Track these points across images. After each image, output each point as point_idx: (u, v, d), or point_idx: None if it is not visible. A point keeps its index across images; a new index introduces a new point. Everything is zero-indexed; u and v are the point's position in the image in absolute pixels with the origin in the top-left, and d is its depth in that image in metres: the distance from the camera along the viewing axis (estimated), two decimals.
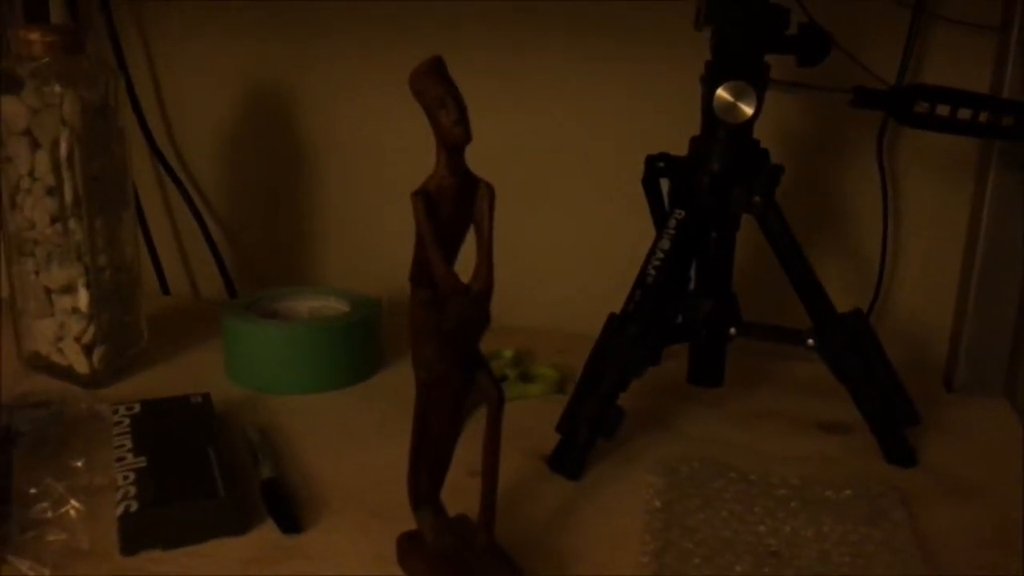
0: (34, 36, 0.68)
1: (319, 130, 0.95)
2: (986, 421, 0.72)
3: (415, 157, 0.92)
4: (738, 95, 0.60)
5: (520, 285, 0.92)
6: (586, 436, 0.61)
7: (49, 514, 0.55)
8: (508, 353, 0.79)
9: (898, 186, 0.81)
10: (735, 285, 0.67)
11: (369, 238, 0.96)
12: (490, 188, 0.44)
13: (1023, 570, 0.52)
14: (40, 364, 0.76)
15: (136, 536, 0.52)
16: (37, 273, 0.74)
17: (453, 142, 0.42)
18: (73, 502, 0.56)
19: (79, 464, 0.59)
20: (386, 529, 0.52)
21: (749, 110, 0.60)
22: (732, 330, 0.66)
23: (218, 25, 0.95)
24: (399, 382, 0.77)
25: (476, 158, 0.44)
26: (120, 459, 0.58)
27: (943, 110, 0.59)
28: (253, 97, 0.96)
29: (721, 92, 0.60)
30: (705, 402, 0.72)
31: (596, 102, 0.86)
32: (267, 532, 0.55)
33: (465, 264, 0.45)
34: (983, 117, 0.58)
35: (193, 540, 0.53)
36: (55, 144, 0.69)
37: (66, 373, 0.75)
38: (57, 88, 0.68)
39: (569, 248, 0.91)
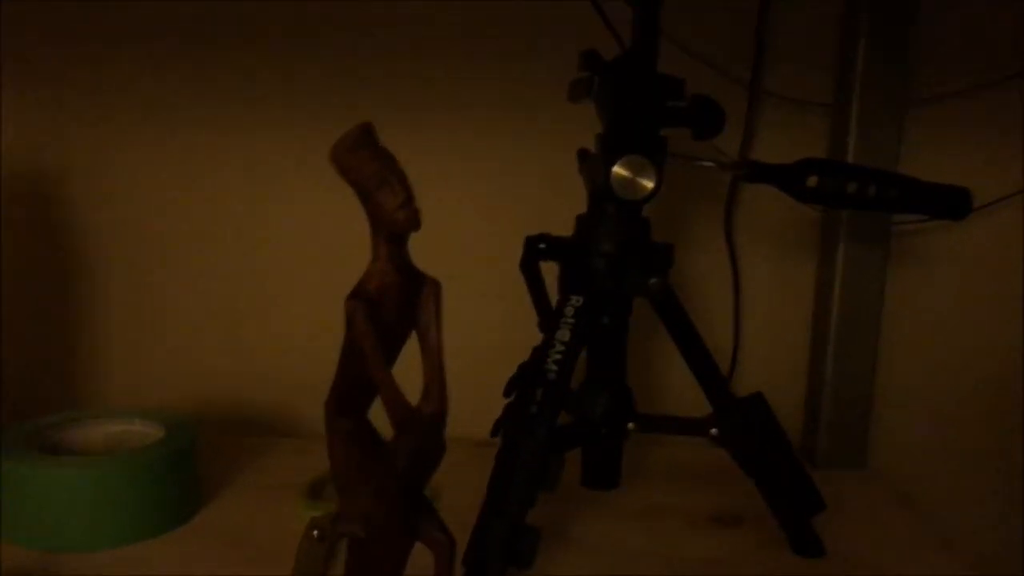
0: None
1: (93, 224, 0.80)
2: (863, 495, 0.71)
3: (214, 244, 0.81)
4: (637, 170, 0.55)
5: None
6: (499, 566, 0.52)
7: None
8: None
9: (743, 260, 0.81)
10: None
11: (162, 346, 0.81)
12: (436, 286, 0.36)
13: None
14: None
15: None
16: None
17: (399, 229, 0.33)
18: None
19: None
20: None
21: (649, 184, 0.55)
22: (631, 425, 0.60)
23: None
24: (231, 517, 0.64)
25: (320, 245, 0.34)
26: None
27: (832, 185, 0.58)
28: (12, 188, 0.79)
29: (618, 168, 0.55)
30: (594, 502, 0.66)
31: (461, 187, 0.79)
32: None
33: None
34: (871, 191, 0.58)
35: None
36: None
37: None
38: None
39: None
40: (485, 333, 0.79)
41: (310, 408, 0.82)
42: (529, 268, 0.61)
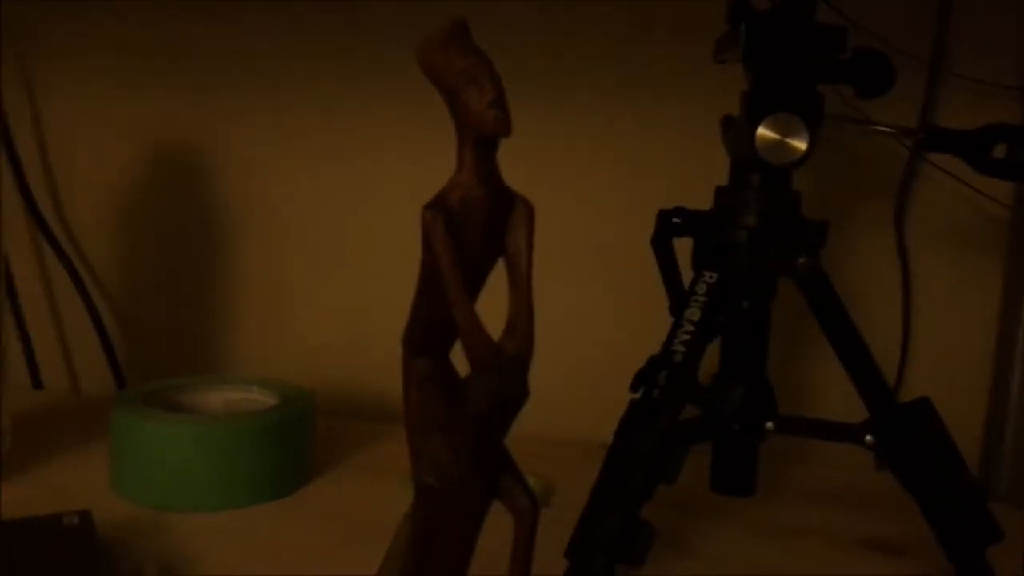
0: None
1: (233, 198, 0.81)
2: None
3: (347, 226, 0.81)
4: (785, 130, 0.49)
5: None
6: (604, 562, 0.46)
7: None
8: None
9: (914, 266, 0.72)
10: None
11: (292, 323, 0.81)
12: (530, 208, 0.31)
13: None
14: None
15: None
16: None
17: (487, 132, 0.29)
18: None
19: None
20: None
21: (801, 146, 0.49)
22: (769, 424, 0.53)
23: (117, 78, 0.81)
24: (335, 495, 0.61)
25: None
26: None
27: None
28: (156, 159, 0.81)
29: (763, 129, 0.49)
30: (726, 514, 0.59)
31: (575, 161, 0.75)
32: None
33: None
34: None
35: None
36: None
37: None
38: None
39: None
40: (611, 324, 0.74)
41: None
42: (661, 245, 0.55)
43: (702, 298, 0.51)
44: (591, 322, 0.76)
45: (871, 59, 0.49)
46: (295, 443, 0.61)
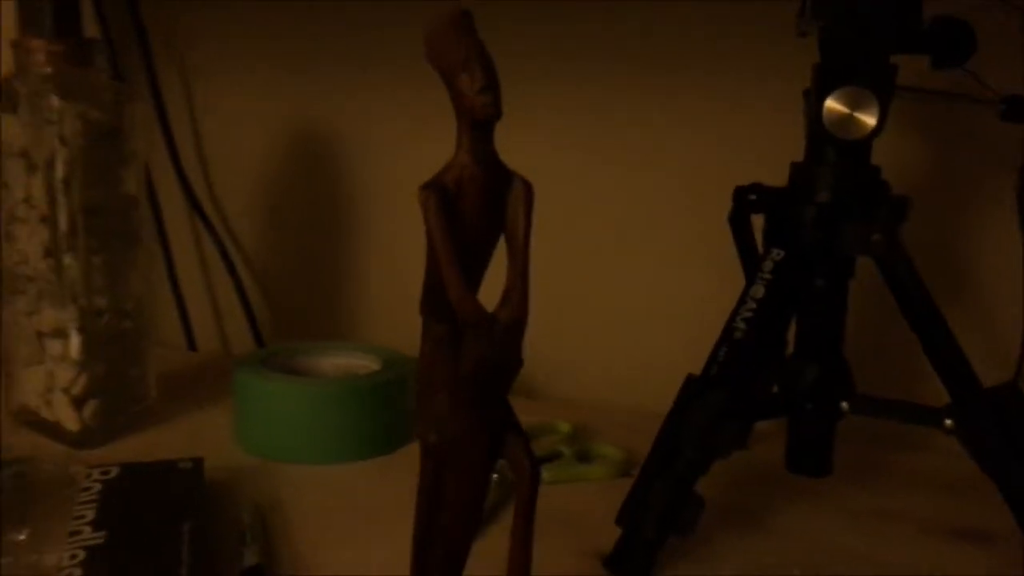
0: (35, 45, 0.61)
1: (367, 178, 0.86)
2: None
3: None
4: (855, 104, 0.48)
5: (577, 352, 0.80)
6: (654, 531, 0.48)
7: None
8: (564, 427, 0.66)
9: None
10: None
11: (412, 295, 0.86)
12: (527, 186, 0.33)
13: None
14: (28, 419, 0.67)
15: None
16: (29, 315, 0.65)
17: (478, 116, 0.31)
18: None
19: (22, 537, 0.48)
20: None
21: (871, 121, 0.48)
22: (844, 404, 0.52)
23: (263, 64, 0.88)
24: None
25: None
26: (74, 533, 0.47)
27: None
28: (296, 144, 0.88)
29: (831, 102, 0.48)
30: (804, 495, 0.59)
31: (661, 139, 0.75)
32: None
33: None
34: None
35: None
36: (50, 165, 0.60)
37: (53, 430, 0.65)
38: (56, 102, 0.60)
39: (637, 310, 0.78)
40: (701, 301, 0.73)
41: (542, 372, 0.82)
42: (738, 223, 0.55)
43: (767, 275, 0.50)
44: (679, 298, 0.76)
45: (949, 27, 0.47)
46: (393, 405, 0.65)
